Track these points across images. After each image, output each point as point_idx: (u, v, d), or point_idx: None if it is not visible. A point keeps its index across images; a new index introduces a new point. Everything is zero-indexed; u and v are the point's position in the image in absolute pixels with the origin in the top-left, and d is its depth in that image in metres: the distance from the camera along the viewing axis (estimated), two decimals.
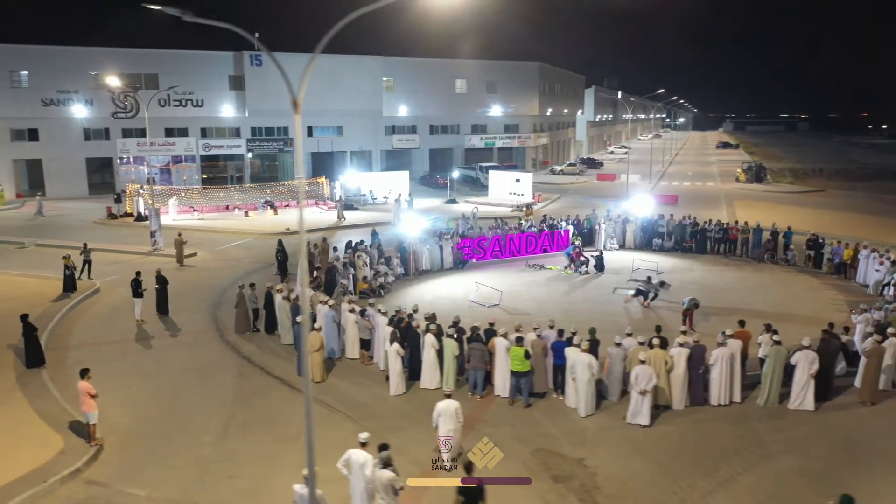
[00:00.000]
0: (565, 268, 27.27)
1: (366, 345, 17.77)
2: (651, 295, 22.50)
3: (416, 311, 17.78)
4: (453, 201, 47.40)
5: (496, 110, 64.22)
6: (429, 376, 16.09)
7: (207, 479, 12.12)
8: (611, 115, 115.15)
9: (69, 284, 23.92)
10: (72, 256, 24.62)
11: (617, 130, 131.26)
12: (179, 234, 29.72)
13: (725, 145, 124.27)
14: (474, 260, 28.31)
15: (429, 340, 15.98)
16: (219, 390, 16.10)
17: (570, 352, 14.92)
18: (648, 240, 31.41)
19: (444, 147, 63.99)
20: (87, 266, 25.93)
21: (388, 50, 61.15)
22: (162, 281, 21.59)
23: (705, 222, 31.06)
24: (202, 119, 53.38)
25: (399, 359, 15.71)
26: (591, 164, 77.24)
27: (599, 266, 27.04)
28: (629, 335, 15.72)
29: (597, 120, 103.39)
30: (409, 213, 36.87)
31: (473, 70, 63.48)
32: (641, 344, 15.15)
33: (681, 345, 15.08)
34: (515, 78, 64.62)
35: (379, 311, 17.75)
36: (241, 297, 20.15)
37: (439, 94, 62.02)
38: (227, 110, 53.84)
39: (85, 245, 26.57)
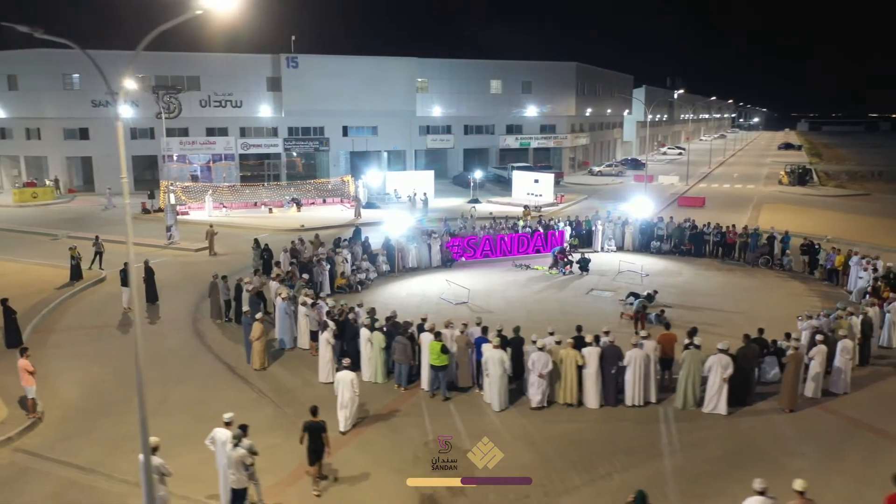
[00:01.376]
0: (549, 268, 27.49)
1: (316, 336, 18.66)
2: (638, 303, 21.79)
3: (360, 305, 18.54)
4: (476, 201, 47.86)
5: (531, 111, 64.21)
6: (365, 368, 16.86)
7: (118, 452, 13.22)
8: (665, 116, 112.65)
9: (75, 273, 25.82)
10: (78, 247, 26.50)
11: (675, 131, 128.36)
12: (211, 226, 31.74)
13: (787, 146, 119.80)
14: (464, 259, 28.86)
15: (364, 334, 16.74)
16: (168, 374, 17.28)
17: (484, 348, 15.40)
18: (647, 242, 31.19)
19: (478, 147, 64.46)
20: (98, 257, 27.82)
21: (427, 52, 61.96)
22: (149, 271, 23.13)
23: (704, 225, 30.60)
24: (241, 119, 55.66)
25: (329, 347, 16.52)
26: (635, 165, 76.15)
27: (584, 267, 27.14)
28: (551, 334, 16.06)
29: (648, 120, 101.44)
30: (420, 212, 37.71)
31: (508, 70, 63.70)
32: (558, 343, 15.49)
33: (633, 345, 15.24)
34: (552, 78, 64.44)
35: (327, 304, 18.63)
36: (215, 287, 21.39)
37: (474, 94, 62.52)
38: (265, 111, 55.93)
39: (97, 237, 28.51)
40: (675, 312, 21.68)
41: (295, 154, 58.44)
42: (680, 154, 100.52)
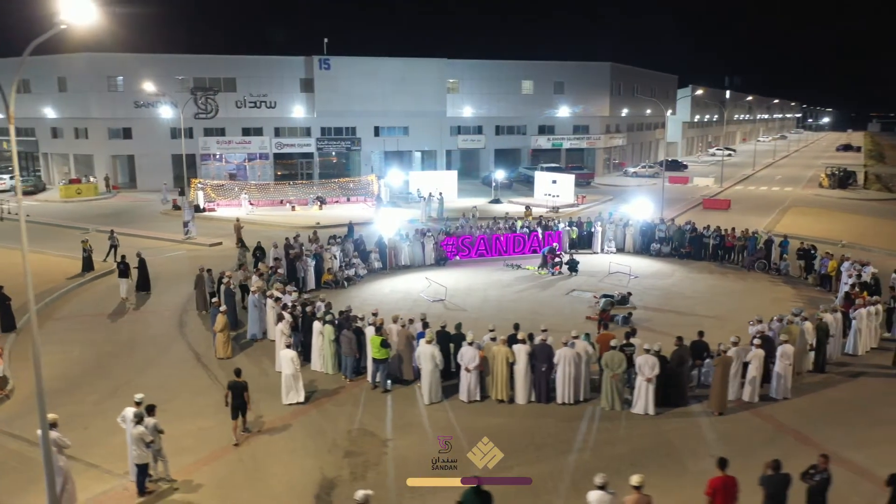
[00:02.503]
0: (539, 268, 27.72)
1: None
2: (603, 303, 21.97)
3: (322, 299, 19.33)
4: (497, 201, 48.26)
5: (564, 111, 63.95)
6: (316, 358, 17.65)
7: (65, 427, 14.20)
8: (715, 116, 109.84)
9: (87, 265, 27.52)
10: (89, 240, 28.22)
11: (729, 131, 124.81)
12: (237, 220, 33.44)
13: (846, 148, 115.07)
14: (458, 258, 29.36)
15: (316, 327, 17.53)
16: (139, 359, 18.46)
17: (419, 343, 15.93)
18: (647, 244, 31.01)
19: (510, 147, 64.62)
20: (112, 250, 29.50)
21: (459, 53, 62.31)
22: (142, 262, 24.56)
23: (704, 228, 30.22)
24: (275, 119, 57.43)
25: (283, 337, 17.34)
26: (675, 166, 74.82)
27: (572, 268, 27.26)
28: (491, 331, 16.49)
29: (695, 121, 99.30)
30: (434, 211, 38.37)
31: (540, 71, 63.59)
32: (493, 340, 15.90)
33: (564, 344, 15.55)
34: (585, 78, 63.95)
35: (290, 298, 19.50)
36: (201, 280, 22.57)
37: (505, 94, 62.69)
38: (298, 111, 57.54)
39: (112, 231, 30.26)
40: (646, 314, 21.77)
41: (334, 153, 59.79)
42: (729, 155, 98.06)
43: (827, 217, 41.73)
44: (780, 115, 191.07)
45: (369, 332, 16.64)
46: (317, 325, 17.46)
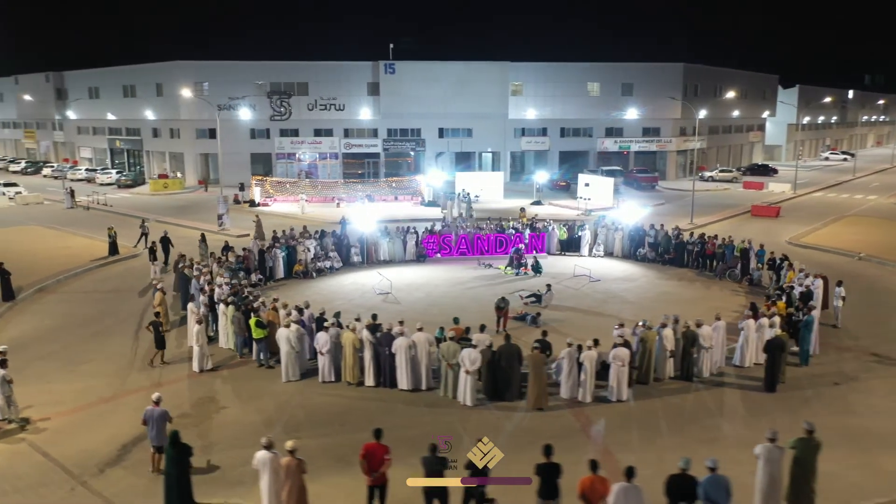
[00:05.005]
0: (506, 267, 28.48)
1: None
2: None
3: (255, 284, 21.59)
4: (538, 203, 48.62)
5: (632, 113, 62.70)
6: (221, 335, 19.90)
7: (19, 396, 16.90)
8: (833, 118, 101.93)
9: (112, 249, 31.55)
10: (114, 227, 32.27)
11: (857, 133, 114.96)
12: (256, 216, 36.83)
13: None
14: (439, 255, 30.65)
15: (220, 308, 19.77)
16: (113, 338, 20.75)
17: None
18: (636, 249, 30.74)
19: (575, 150, 64.25)
20: (143, 237, 33.42)
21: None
22: (165, 241, 28.84)
23: (689, 234, 29.56)
24: (344, 121, 60.93)
25: (193, 316, 19.64)
26: (762, 170, 71.00)
27: (536, 269, 27.78)
28: (357, 320, 17.92)
29: (804, 122, 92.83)
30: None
31: (607, 72, 62.65)
32: (348, 327, 17.35)
33: (400, 334, 16.82)
34: (656, 80, 62.14)
35: (226, 283, 21.88)
36: (176, 263, 25.56)
37: (570, 97, 62.40)
38: (365, 113, 60.66)
39: (143, 220, 34.30)
40: (563, 315, 22.24)
41: (412, 153, 62.29)
42: (844, 160, 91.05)
43: (879, 229, 38.66)
44: None
45: (246, 314, 18.59)
46: (221, 306, 19.66)
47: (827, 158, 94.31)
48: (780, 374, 16.77)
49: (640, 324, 17.64)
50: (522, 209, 39.14)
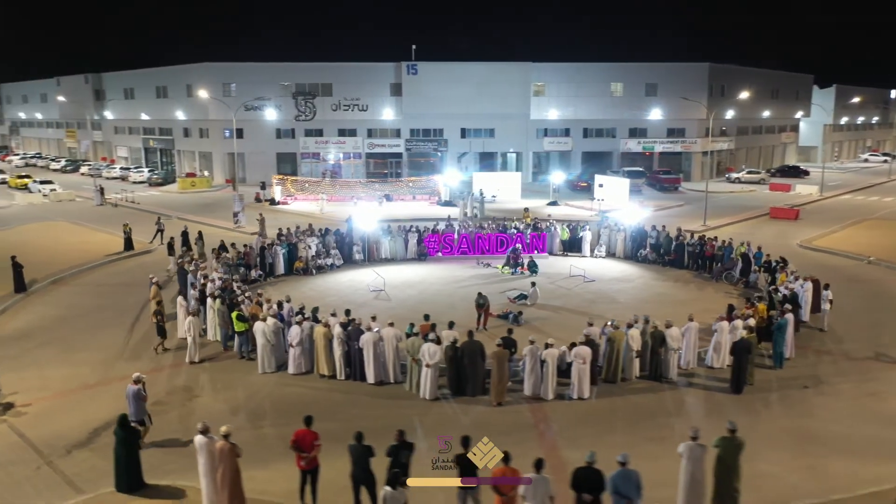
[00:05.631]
0: (503, 266, 28.72)
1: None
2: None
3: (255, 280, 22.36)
4: (554, 203, 48.62)
5: (656, 114, 62.09)
6: (209, 328, 20.64)
7: (14, 381, 17.88)
8: (875, 118, 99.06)
9: (127, 245, 32.76)
10: (129, 224, 33.48)
11: None
12: (260, 214, 37.66)
13: None
14: (440, 254, 31.05)
15: (209, 302, 20.52)
16: (109, 328, 21.60)
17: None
18: (637, 250, 30.66)
19: (598, 150, 63.90)
20: (159, 234, 34.61)
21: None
22: (185, 235, 30.13)
23: (689, 235, 29.37)
24: (367, 121, 61.78)
25: (183, 309, 20.43)
26: (793, 172, 69.55)
27: (532, 269, 27.95)
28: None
29: (841, 123, 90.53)
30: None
31: (631, 73, 62.12)
32: (319, 321, 17.91)
33: (367, 329, 17.32)
34: (680, 80, 61.31)
35: (216, 278, 22.67)
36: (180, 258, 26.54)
37: (593, 97, 62.10)
38: (388, 114, 61.41)
39: (158, 217, 35.50)
40: (545, 314, 22.41)
41: (437, 153, 62.76)
42: (885, 162, 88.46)
43: (893, 232, 37.71)
44: None
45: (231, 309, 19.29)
46: (209, 300, 20.41)
47: (866, 160, 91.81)
48: (746, 376, 16.71)
49: (609, 323, 17.77)
50: (526, 209, 39.25)
